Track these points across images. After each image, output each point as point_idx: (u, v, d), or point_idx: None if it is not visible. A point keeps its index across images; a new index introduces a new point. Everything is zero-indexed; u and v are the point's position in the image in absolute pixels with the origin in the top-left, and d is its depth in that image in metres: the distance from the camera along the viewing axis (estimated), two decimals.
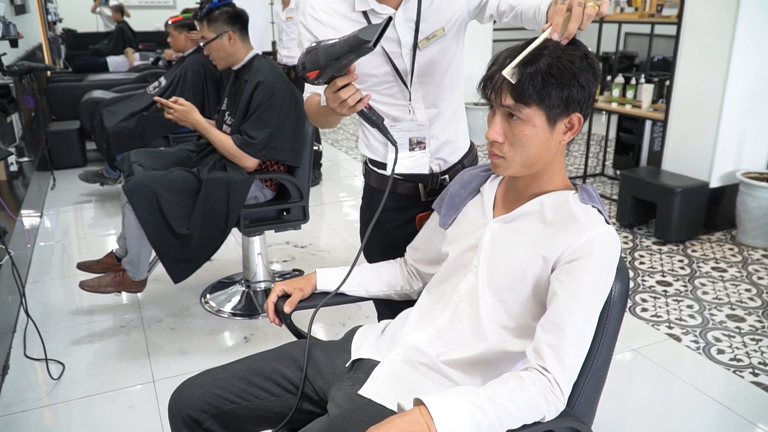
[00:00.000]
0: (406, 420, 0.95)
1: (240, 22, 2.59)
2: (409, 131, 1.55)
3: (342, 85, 1.20)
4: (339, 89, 1.20)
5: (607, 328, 1.17)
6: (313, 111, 1.52)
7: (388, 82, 1.52)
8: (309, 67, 1.18)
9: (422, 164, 1.58)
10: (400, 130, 1.54)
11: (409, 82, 1.51)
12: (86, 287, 2.60)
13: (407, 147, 1.56)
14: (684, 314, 2.83)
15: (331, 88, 1.21)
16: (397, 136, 1.54)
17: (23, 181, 3.86)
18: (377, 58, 1.47)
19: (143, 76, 5.73)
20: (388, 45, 1.48)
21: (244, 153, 2.51)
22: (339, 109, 1.23)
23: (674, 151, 3.80)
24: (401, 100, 1.53)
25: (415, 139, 1.56)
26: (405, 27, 1.47)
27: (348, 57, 1.15)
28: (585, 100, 1.12)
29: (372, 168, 1.66)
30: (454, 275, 1.26)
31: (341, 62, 1.16)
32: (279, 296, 1.42)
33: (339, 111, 1.24)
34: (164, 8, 10.01)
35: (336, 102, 1.22)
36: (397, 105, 1.54)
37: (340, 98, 1.21)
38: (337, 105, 1.22)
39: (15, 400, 2.22)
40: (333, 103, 1.23)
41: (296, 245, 3.64)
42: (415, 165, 1.57)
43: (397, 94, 1.53)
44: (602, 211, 1.15)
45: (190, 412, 1.25)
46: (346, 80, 1.20)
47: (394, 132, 1.53)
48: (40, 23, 7.04)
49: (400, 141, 1.55)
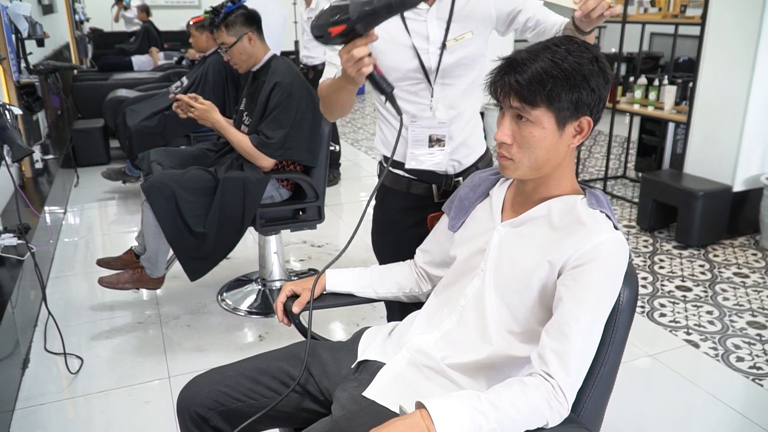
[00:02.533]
0: (407, 423, 0.95)
1: (256, 22, 2.62)
2: (430, 128, 1.57)
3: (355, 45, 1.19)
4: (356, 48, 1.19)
5: (615, 334, 1.15)
6: (325, 90, 1.50)
7: (412, 79, 1.53)
8: (335, 22, 1.15)
9: (440, 162, 1.58)
10: (421, 127, 1.56)
11: (434, 80, 1.53)
12: (105, 283, 2.65)
13: (426, 144, 1.57)
14: (703, 320, 2.79)
15: (349, 47, 1.19)
16: (417, 133, 1.57)
17: (48, 178, 3.94)
18: (406, 51, 1.50)
19: (167, 76, 5.81)
20: (417, 40, 1.50)
21: (261, 153, 2.53)
22: (352, 70, 1.20)
23: (697, 154, 3.74)
24: (423, 99, 1.55)
25: (435, 137, 1.57)
26: (436, 24, 1.50)
27: (385, 14, 1.13)
28: (595, 104, 1.11)
29: (390, 168, 1.67)
30: (462, 278, 1.26)
31: (377, 19, 1.14)
32: (288, 296, 1.43)
33: (352, 73, 1.21)
34: (189, 8, 10.13)
35: (351, 62, 1.20)
36: (418, 103, 1.55)
37: (355, 57, 1.19)
38: (351, 66, 1.20)
39: (35, 393, 2.27)
40: (347, 64, 1.21)
41: (313, 244, 3.66)
42: (433, 162, 1.58)
43: (419, 91, 1.55)
44: (611, 217, 1.14)
45: (198, 409, 1.26)
46: (365, 41, 1.18)
47: (415, 128, 1.56)
48: (68, 23, 7.16)
49: (420, 137, 1.57)
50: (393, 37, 1.50)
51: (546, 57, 1.08)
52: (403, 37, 1.51)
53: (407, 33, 1.51)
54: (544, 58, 1.08)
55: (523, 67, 1.09)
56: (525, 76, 1.08)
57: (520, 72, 1.08)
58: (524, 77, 1.08)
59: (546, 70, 1.07)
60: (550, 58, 1.08)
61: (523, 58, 1.10)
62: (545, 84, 1.07)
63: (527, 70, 1.08)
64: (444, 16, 1.50)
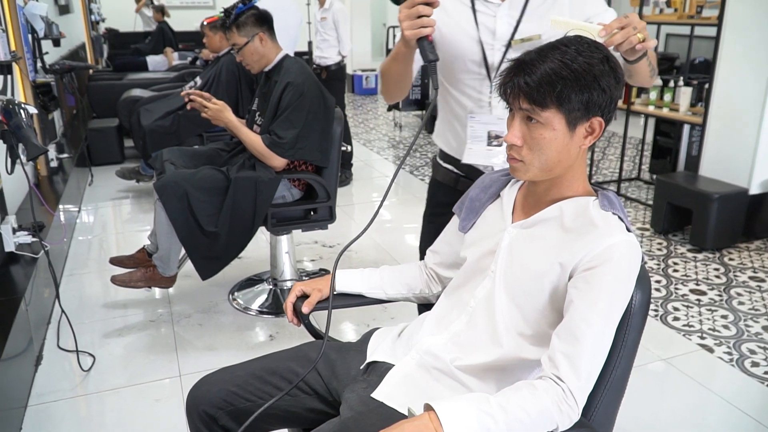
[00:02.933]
0: (415, 425, 0.95)
1: (267, 22, 2.62)
2: (488, 124, 1.56)
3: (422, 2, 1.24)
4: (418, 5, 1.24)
5: (627, 338, 1.14)
6: (384, 65, 1.54)
7: (473, 72, 1.53)
8: None
9: (498, 159, 1.56)
10: (480, 122, 1.56)
11: (494, 76, 1.51)
12: (117, 282, 2.67)
13: (485, 140, 1.57)
14: (717, 324, 2.75)
15: (406, 4, 1.25)
16: (476, 129, 1.57)
17: (63, 177, 3.97)
18: (472, 44, 1.50)
19: (181, 76, 5.85)
20: (484, 34, 1.50)
21: (273, 153, 2.53)
22: (408, 27, 1.25)
23: (712, 156, 3.70)
24: (482, 94, 1.54)
25: (494, 133, 1.56)
26: (505, 21, 1.49)
27: None
28: (606, 104, 1.09)
29: (440, 162, 1.69)
30: (472, 280, 1.25)
31: None
32: (298, 296, 1.43)
33: (407, 31, 1.26)
34: (204, 8, 10.19)
35: (410, 19, 1.24)
36: (476, 98, 1.55)
37: (413, 14, 1.23)
38: (409, 23, 1.25)
39: (47, 390, 2.29)
40: (406, 21, 1.25)
41: (324, 245, 3.66)
42: (490, 158, 1.57)
43: (478, 86, 1.54)
44: (623, 219, 1.12)
45: (207, 409, 1.27)
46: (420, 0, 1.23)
47: (474, 124, 1.56)
48: (84, 23, 7.23)
49: (479, 133, 1.57)
50: (462, 28, 1.51)
51: (555, 58, 1.06)
52: (471, 29, 1.51)
53: (476, 26, 1.50)
54: (554, 58, 1.06)
55: (532, 68, 1.07)
56: (534, 77, 1.06)
57: (529, 73, 1.07)
58: (533, 79, 1.06)
59: (555, 71, 1.05)
60: (560, 59, 1.06)
61: (532, 59, 1.08)
62: (555, 85, 1.05)
63: (536, 72, 1.06)
64: (515, 14, 1.48)
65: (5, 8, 3.37)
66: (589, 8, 1.49)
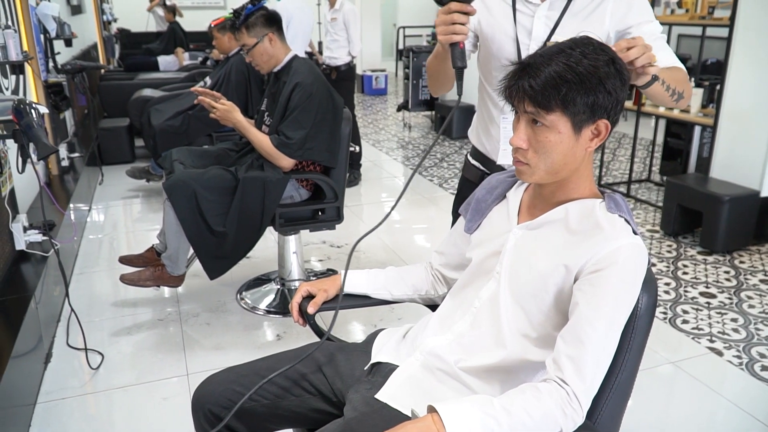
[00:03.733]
0: (418, 426, 0.95)
1: (276, 23, 2.63)
2: None
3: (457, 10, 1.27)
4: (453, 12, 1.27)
5: (633, 341, 1.14)
6: (429, 60, 1.56)
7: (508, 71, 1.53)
8: None
9: None
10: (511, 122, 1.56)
11: None
12: (126, 280, 2.69)
13: None
14: (727, 328, 2.73)
15: (444, 9, 1.28)
16: (508, 130, 1.59)
17: (74, 176, 4.00)
18: (510, 43, 1.51)
19: (191, 76, 5.88)
20: (521, 34, 1.50)
21: (281, 153, 2.54)
22: (442, 32, 1.29)
23: (723, 158, 3.67)
24: None
25: None
26: (542, 21, 1.49)
27: None
28: (612, 107, 1.08)
29: (470, 159, 1.71)
30: (477, 281, 1.25)
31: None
32: (303, 297, 1.43)
33: (440, 34, 1.30)
34: (215, 8, 10.24)
35: (444, 24, 1.28)
36: None
37: (448, 20, 1.27)
38: (443, 28, 1.29)
39: (56, 388, 2.31)
40: (441, 26, 1.29)
41: (332, 245, 3.67)
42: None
43: None
44: (630, 221, 1.12)
45: (212, 408, 1.27)
46: (463, 8, 1.27)
47: (506, 125, 1.59)
48: (96, 23, 7.28)
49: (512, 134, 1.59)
50: (501, 26, 1.52)
51: (560, 60, 1.06)
52: (509, 28, 1.51)
53: (514, 25, 1.51)
54: (558, 61, 1.06)
55: (536, 71, 1.06)
56: (539, 80, 1.06)
57: (533, 76, 1.06)
58: (538, 81, 1.06)
59: (560, 74, 1.05)
60: (564, 62, 1.05)
61: (537, 62, 1.07)
62: (560, 88, 1.05)
63: (541, 74, 1.06)
64: (554, 16, 1.47)
65: (18, 8, 3.41)
66: (632, 17, 1.47)
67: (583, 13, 1.47)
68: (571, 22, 1.46)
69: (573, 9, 1.46)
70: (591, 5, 1.47)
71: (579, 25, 1.45)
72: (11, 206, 2.59)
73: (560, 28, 1.47)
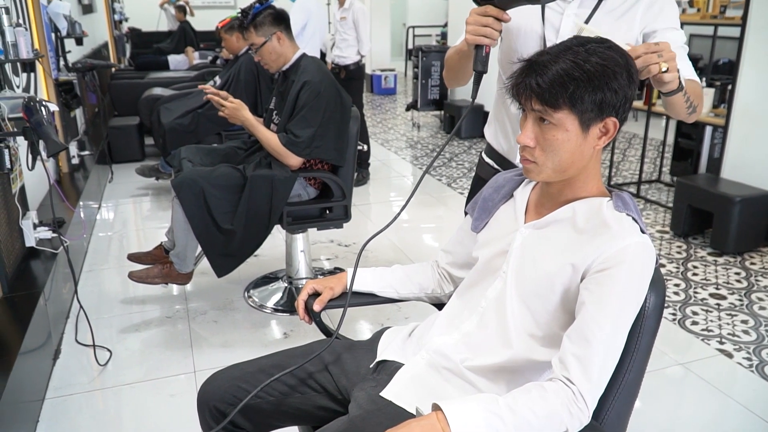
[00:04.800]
0: (422, 425, 0.94)
1: (284, 22, 2.64)
2: None
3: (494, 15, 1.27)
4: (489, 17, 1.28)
5: (641, 341, 1.13)
6: (450, 51, 1.57)
7: None
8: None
9: None
10: None
11: None
12: (135, 278, 2.70)
13: None
14: (737, 329, 2.71)
15: (482, 11, 1.28)
16: None
17: (83, 174, 4.03)
18: (535, 40, 1.50)
19: (201, 75, 5.90)
20: (548, 31, 1.49)
21: (289, 151, 2.54)
22: (471, 31, 1.29)
23: (735, 159, 3.64)
24: None
25: None
26: (571, 20, 1.47)
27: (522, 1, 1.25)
28: (621, 104, 1.07)
29: (485, 158, 1.70)
30: (483, 280, 1.24)
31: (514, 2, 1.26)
32: (309, 294, 1.43)
33: (469, 34, 1.30)
34: (225, 8, 10.28)
35: (474, 25, 1.29)
36: None
37: (481, 22, 1.27)
38: (473, 28, 1.29)
39: (64, 384, 2.32)
40: (471, 25, 1.29)
41: (340, 243, 3.67)
42: None
43: None
44: (638, 220, 1.11)
45: (217, 404, 1.28)
46: (497, 14, 1.27)
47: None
48: (107, 22, 7.32)
49: None
50: (528, 23, 1.51)
51: (567, 58, 1.05)
52: (537, 25, 1.50)
53: (542, 22, 1.49)
54: (566, 59, 1.05)
55: (543, 69, 1.06)
56: (546, 78, 1.05)
57: (540, 74, 1.06)
58: (545, 79, 1.05)
59: (567, 72, 1.04)
60: (572, 60, 1.05)
61: (544, 60, 1.07)
62: (567, 86, 1.04)
63: (548, 72, 1.05)
64: (583, 14, 1.45)
65: (29, 7, 3.43)
66: (661, 22, 1.46)
67: (615, 13, 1.44)
68: (603, 20, 1.43)
69: (605, 8, 1.43)
70: (624, 5, 1.45)
71: (610, 25, 1.43)
72: (21, 203, 2.60)
73: (590, 25, 1.43)
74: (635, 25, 1.46)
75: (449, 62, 1.57)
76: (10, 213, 2.48)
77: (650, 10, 1.45)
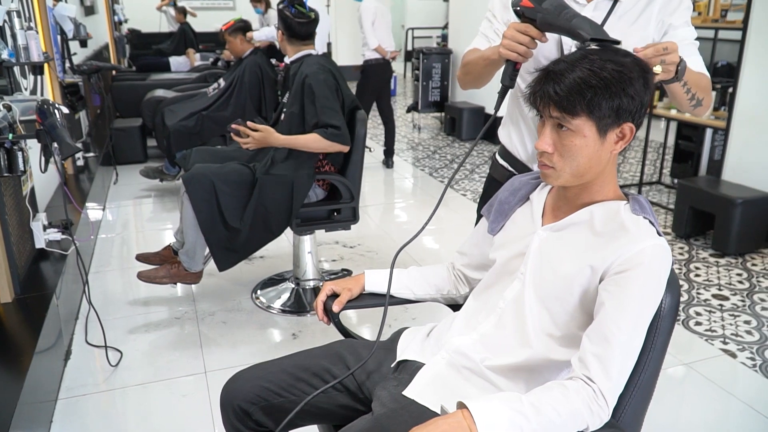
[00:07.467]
0: (449, 422, 0.97)
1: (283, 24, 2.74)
2: None
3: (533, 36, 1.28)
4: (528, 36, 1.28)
5: (656, 340, 1.15)
6: (470, 55, 1.57)
7: None
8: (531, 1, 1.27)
9: None
10: None
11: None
12: (143, 277, 2.71)
13: None
14: (740, 330, 2.74)
15: (521, 28, 1.28)
16: None
17: (88, 176, 4.04)
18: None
19: (203, 76, 5.92)
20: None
21: (337, 143, 2.56)
22: (507, 46, 1.30)
23: (736, 161, 3.68)
24: None
25: None
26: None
27: (559, 27, 1.23)
28: (637, 110, 1.10)
29: (499, 160, 1.71)
30: (501, 281, 1.27)
31: (551, 28, 1.25)
32: (328, 295, 1.45)
33: (502, 47, 1.31)
34: (224, 9, 10.30)
35: (510, 40, 1.29)
36: None
37: (518, 39, 1.28)
38: (508, 43, 1.30)
39: (76, 384, 2.34)
40: (506, 39, 1.30)
41: (345, 245, 3.69)
42: None
43: None
44: (654, 223, 1.13)
45: (241, 404, 1.30)
46: (535, 34, 1.28)
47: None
48: (107, 24, 7.33)
49: None
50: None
51: (584, 66, 1.08)
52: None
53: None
54: (582, 67, 1.08)
55: (561, 77, 1.08)
56: (563, 86, 1.08)
57: (558, 82, 1.08)
58: (563, 87, 1.08)
59: (584, 80, 1.07)
60: (588, 68, 1.07)
61: (561, 68, 1.09)
62: (585, 94, 1.06)
63: (565, 80, 1.08)
64: (599, 17, 1.45)
65: (36, 9, 3.44)
66: (677, 17, 1.47)
67: (629, 16, 1.45)
68: (616, 24, 1.44)
69: (618, 11, 1.45)
70: (637, 7, 1.46)
71: (624, 29, 1.43)
72: (31, 205, 2.62)
73: (605, 28, 1.46)
74: (650, 24, 1.47)
75: (471, 67, 1.56)
76: (21, 214, 2.50)
77: (669, 4, 1.46)
